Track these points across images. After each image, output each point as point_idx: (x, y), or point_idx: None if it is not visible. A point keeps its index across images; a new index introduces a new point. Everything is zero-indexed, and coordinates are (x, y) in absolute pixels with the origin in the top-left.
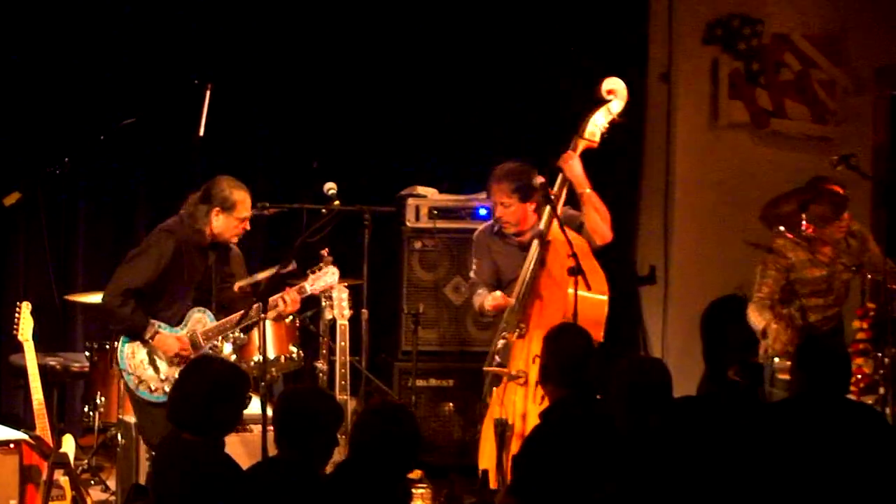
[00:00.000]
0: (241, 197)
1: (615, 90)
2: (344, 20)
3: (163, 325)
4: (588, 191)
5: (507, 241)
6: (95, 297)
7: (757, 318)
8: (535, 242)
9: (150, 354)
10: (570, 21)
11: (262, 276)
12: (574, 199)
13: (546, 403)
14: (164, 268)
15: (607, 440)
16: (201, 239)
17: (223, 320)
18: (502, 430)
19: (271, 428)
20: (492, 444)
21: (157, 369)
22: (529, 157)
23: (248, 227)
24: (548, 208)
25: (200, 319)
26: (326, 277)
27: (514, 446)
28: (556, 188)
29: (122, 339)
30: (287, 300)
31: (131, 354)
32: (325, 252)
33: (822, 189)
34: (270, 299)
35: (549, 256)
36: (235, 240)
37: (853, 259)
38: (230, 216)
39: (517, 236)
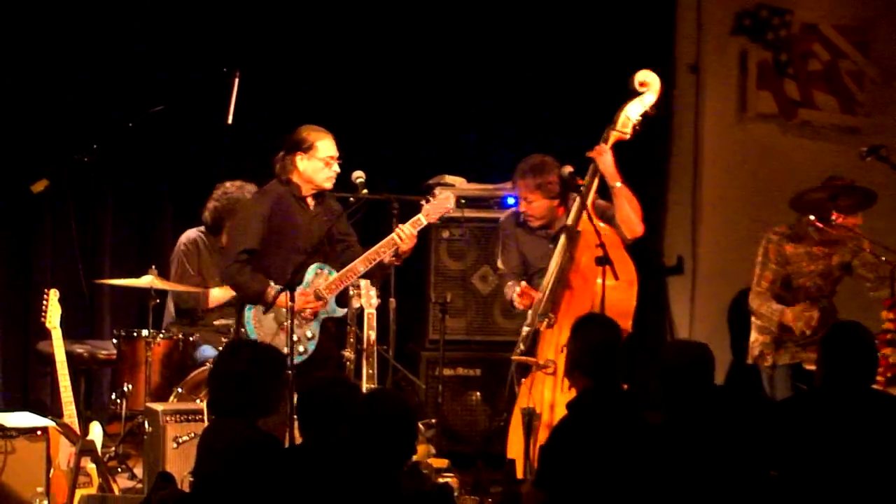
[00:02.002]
0: (319, 137)
1: (648, 82)
2: (374, 7)
3: (276, 286)
4: (619, 184)
5: (534, 231)
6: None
7: (769, 310)
8: (564, 235)
9: (277, 318)
10: (600, 11)
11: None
12: (605, 192)
13: (574, 394)
14: (269, 224)
15: (634, 431)
16: (295, 190)
17: (344, 269)
18: (529, 419)
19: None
20: (520, 433)
21: (286, 331)
22: (559, 146)
23: (338, 170)
24: (577, 199)
25: (321, 274)
26: (444, 203)
27: (542, 436)
28: (586, 179)
29: (246, 307)
30: (403, 235)
31: (258, 322)
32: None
33: (828, 184)
34: (383, 241)
35: (578, 247)
36: (329, 185)
37: (846, 258)
38: (312, 157)
39: (545, 228)
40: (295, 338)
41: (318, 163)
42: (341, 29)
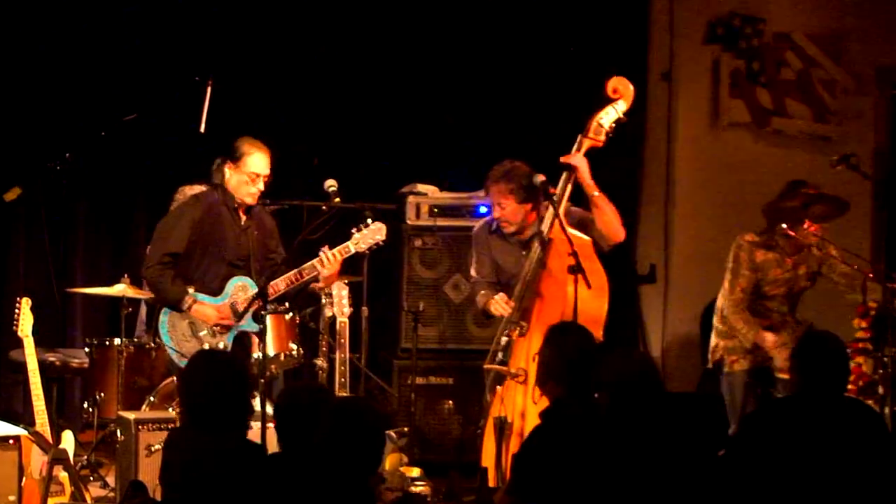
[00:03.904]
0: (251, 151)
1: (621, 90)
2: (346, 17)
3: (201, 294)
4: (598, 193)
5: (507, 238)
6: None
7: (743, 326)
8: (536, 242)
9: (192, 326)
10: (572, 19)
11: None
12: (579, 201)
13: (545, 402)
14: (197, 231)
15: (607, 439)
16: (228, 199)
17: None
18: (501, 427)
19: (270, 425)
20: (492, 441)
21: (199, 340)
22: (531, 154)
23: (262, 189)
24: (550, 207)
25: (242, 287)
26: (374, 235)
27: (514, 444)
28: (559, 187)
29: (163, 311)
30: (326, 261)
31: (172, 327)
32: (367, 213)
33: (800, 192)
34: (309, 264)
35: (549, 256)
36: (251, 201)
37: (813, 267)
38: (239, 170)
39: (516, 234)
40: (206, 347)
41: (243, 176)
42: (315, 38)
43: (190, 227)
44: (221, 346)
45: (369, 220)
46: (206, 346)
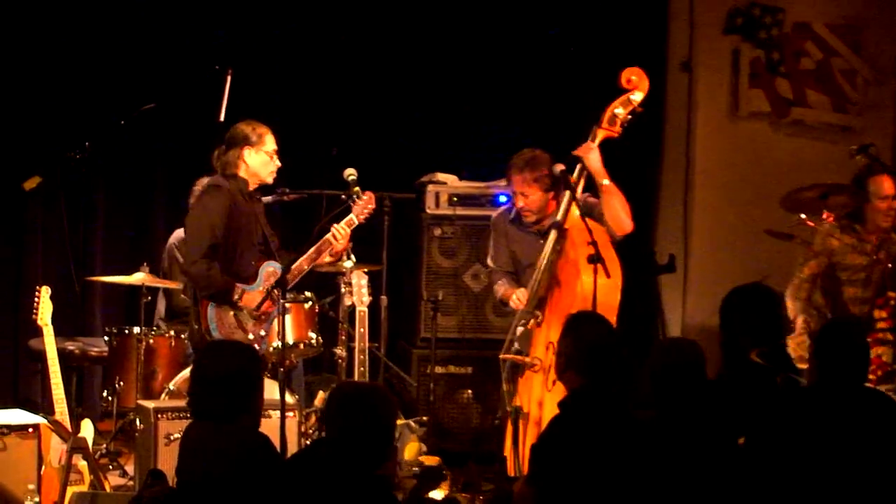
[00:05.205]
0: (265, 131)
1: (635, 80)
2: (365, 7)
3: (240, 285)
4: (607, 182)
5: (525, 228)
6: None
7: (790, 305)
8: (553, 232)
9: (237, 316)
10: (592, 9)
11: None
12: (593, 189)
13: (559, 388)
14: (229, 220)
15: (626, 430)
16: (243, 185)
17: (293, 267)
18: (517, 417)
19: (290, 414)
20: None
21: (245, 330)
22: (549, 144)
23: (280, 164)
24: (566, 196)
25: (273, 273)
26: (368, 205)
27: (531, 433)
28: (574, 177)
29: (209, 306)
30: (339, 235)
31: (220, 321)
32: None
33: (844, 185)
34: (322, 240)
35: (566, 245)
36: (271, 179)
37: (893, 253)
38: (260, 151)
39: (535, 224)
40: (251, 336)
41: (265, 156)
42: (333, 26)
43: (224, 216)
44: (262, 333)
45: (361, 194)
46: (251, 336)
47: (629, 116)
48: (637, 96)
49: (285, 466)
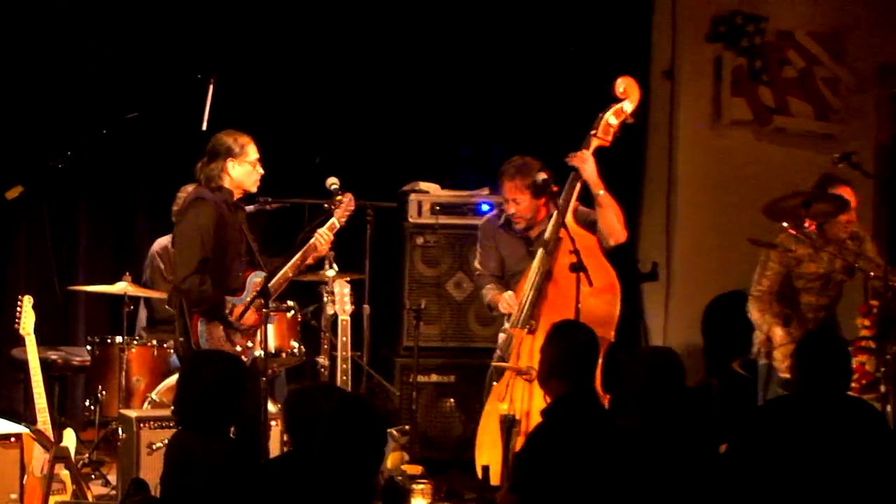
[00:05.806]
0: (247, 141)
1: (628, 90)
2: (347, 15)
3: (229, 298)
4: (602, 192)
5: (513, 233)
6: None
7: (759, 317)
8: (540, 251)
9: (226, 330)
10: (575, 17)
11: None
12: (587, 199)
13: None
14: (217, 232)
15: (609, 437)
16: (228, 196)
17: (278, 277)
18: (509, 425)
19: (273, 423)
20: (490, 438)
21: (232, 342)
22: (533, 153)
23: (262, 172)
24: (555, 215)
25: (260, 283)
26: (349, 205)
27: (519, 443)
28: (566, 186)
29: (200, 321)
30: (323, 240)
31: (210, 335)
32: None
33: (826, 193)
34: (306, 246)
35: (556, 257)
36: (255, 188)
37: (849, 261)
38: (243, 162)
39: (525, 230)
40: (238, 348)
41: (248, 167)
42: (317, 36)
43: (212, 229)
44: (250, 345)
45: (340, 195)
46: (238, 348)
47: (620, 126)
48: (629, 106)
49: (269, 475)
